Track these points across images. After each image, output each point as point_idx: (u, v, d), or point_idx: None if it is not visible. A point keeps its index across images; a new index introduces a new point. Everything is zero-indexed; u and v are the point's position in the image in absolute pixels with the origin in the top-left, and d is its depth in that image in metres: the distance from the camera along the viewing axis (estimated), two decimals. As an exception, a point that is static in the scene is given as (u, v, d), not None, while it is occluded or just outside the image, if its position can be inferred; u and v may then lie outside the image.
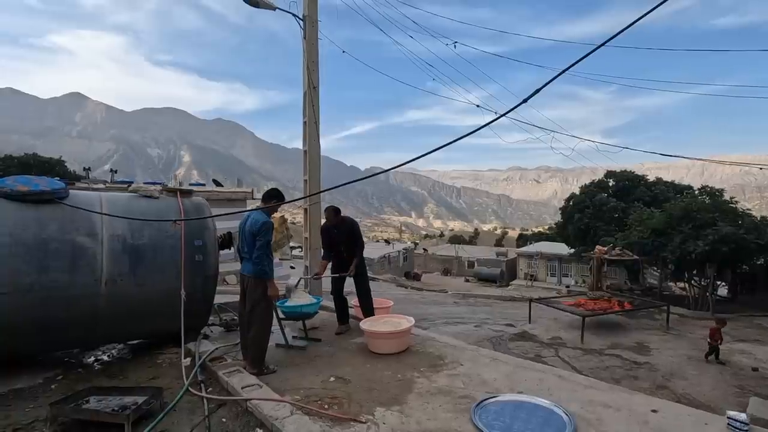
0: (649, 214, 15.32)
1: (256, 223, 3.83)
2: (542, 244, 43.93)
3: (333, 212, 5.10)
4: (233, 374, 3.70)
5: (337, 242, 5.24)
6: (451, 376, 3.76)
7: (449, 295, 21.34)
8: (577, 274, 36.14)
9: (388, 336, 4.37)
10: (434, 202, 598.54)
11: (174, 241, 4.44)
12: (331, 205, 5.36)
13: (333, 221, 5.12)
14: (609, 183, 27.79)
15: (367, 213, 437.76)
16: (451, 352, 4.34)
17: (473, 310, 16.34)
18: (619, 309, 11.06)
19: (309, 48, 7.49)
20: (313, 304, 4.74)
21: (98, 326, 4.07)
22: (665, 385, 7.36)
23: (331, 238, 5.24)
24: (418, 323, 12.86)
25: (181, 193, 4.98)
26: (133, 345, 4.98)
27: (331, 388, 3.62)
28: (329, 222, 5.16)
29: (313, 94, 7.48)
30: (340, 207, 5.39)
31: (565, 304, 11.42)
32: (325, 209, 5.22)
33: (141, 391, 3.36)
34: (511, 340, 10.32)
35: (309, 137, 7.52)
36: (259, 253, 3.79)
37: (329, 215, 5.12)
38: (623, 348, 9.52)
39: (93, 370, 4.27)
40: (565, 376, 3.60)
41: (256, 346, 3.90)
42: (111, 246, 4.08)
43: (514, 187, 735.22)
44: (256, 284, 3.85)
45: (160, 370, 4.17)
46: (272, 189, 4.19)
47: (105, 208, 4.24)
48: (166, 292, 4.31)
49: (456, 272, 46.70)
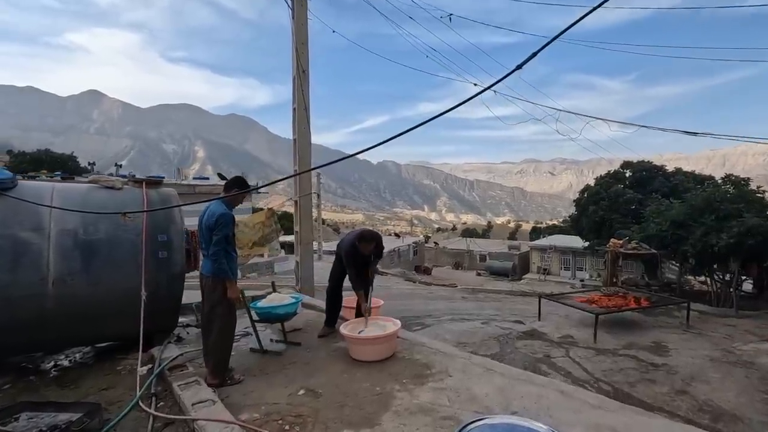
0: (668, 205, 14.50)
1: (213, 215, 3.37)
2: (556, 237, 42.95)
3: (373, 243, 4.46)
4: (189, 386, 3.27)
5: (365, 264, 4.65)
6: (436, 390, 3.28)
7: (457, 290, 20.78)
8: (591, 268, 35.15)
9: (369, 342, 3.90)
10: (447, 195, 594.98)
11: (135, 236, 4.03)
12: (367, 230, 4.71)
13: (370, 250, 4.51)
14: (625, 174, 26.80)
15: (379, 206, 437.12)
16: (440, 360, 3.85)
17: (481, 305, 15.75)
18: (635, 306, 10.39)
19: (298, 29, 7.00)
20: (290, 304, 4.30)
21: (48, 330, 3.68)
22: (685, 390, 6.74)
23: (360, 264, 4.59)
24: (422, 320, 12.42)
25: (147, 183, 4.56)
26: (100, 348, 4.62)
27: (297, 403, 3.17)
28: (366, 251, 4.50)
29: (303, 78, 7.00)
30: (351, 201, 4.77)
31: (577, 301, 10.79)
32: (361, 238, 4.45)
33: (78, 407, 2.96)
34: (518, 339, 9.76)
35: (298, 124, 7.05)
36: (215, 250, 3.33)
37: (367, 247, 4.43)
38: (639, 348, 8.89)
39: (47, 377, 3.90)
40: (569, 392, 3.08)
41: (217, 354, 3.46)
42: (60, 242, 3.68)
43: (528, 180, 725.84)
44: (214, 285, 3.40)
45: (117, 379, 3.78)
46: (234, 177, 3.73)
47: (57, 201, 3.84)
48: (124, 291, 3.90)
49: (467, 266, 46.00)
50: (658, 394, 6.71)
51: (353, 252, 4.51)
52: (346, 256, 4.56)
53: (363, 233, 4.54)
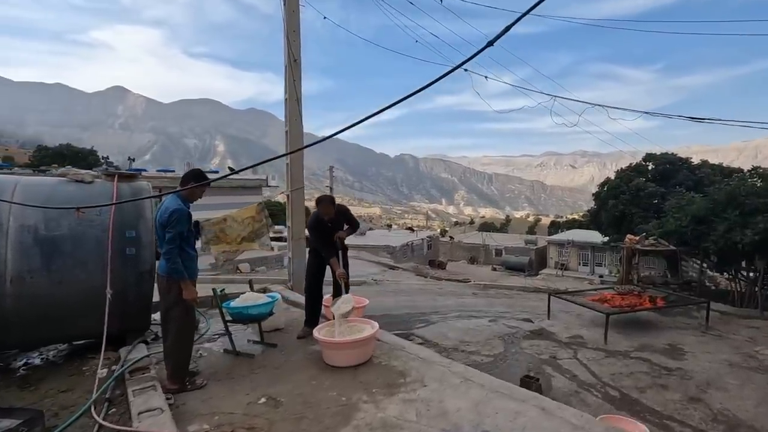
0: (690, 199, 13.75)
1: (166, 211, 3.16)
2: (574, 231, 41.90)
3: (330, 204, 4.32)
4: (144, 392, 3.09)
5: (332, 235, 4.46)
6: (405, 403, 3.00)
7: (468, 286, 20.35)
8: (611, 264, 34.14)
9: (341, 346, 3.65)
10: (465, 189, 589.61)
11: (100, 233, 3.86)
12: (329, 195, 4.59)
13: (331, 214, 4.36)
14: (648, 167, 25.80)
15: (397, 200, 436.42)
16: (417, 367, 3.56)
17: (491, 302, 15.32)
18: (651, 306, 9.86)
19: (289, 17, 6.73)
20: (263, 304, 4.08)
21: (9, 330, 3.56)
22: (699, 398, 6.29)
23: (327, 233, 4.44)
24: (427, 317, 12.10)
25: (120, 177, 4.39)
26: (77, 345, 4.49)
27: (254, 413, 2.95)
28: (329, 215, 4.36)
29: (294, 68, 6.74)
30: (368, 194, 4.60)
31: (588, 300, 10.30)
32: (318, 201, 4.40)
33: (20, 413, 2.80)
34: (525, 338, 9.37)
35: (290, 116, 6.80)
36: (168, 248, 3.12)
37: (327, 208, 4.32)
38: (653, 350, 8.40)
39: (12, 377, 3.79)
40: (551, 409, 2.76)
41: (174, 357, 3.27)
42: (19, 238, 3.54)
43: (548, 173, 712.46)
44: (169, 285, 3.20)
45: (80, 380, 3.63)
46: (191, 170, 3.51)
47: (19, 195, 3.69)
48: (89, 290, 3.74)
49: (483, 261, 45.36)
50: (669, 401, 6.28)
51: (315, 222, 4.45)
52: (310, 230, 4.50)
53: (319, 197, 4.46)
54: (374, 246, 35.90)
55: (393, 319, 11.19)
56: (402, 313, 12.17)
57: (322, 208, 4.35)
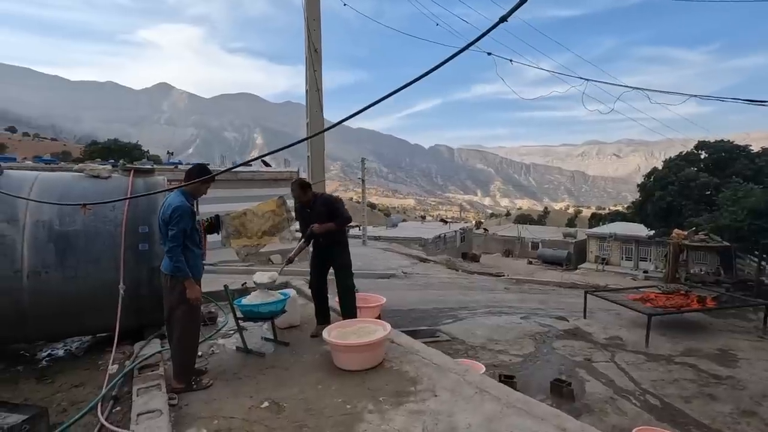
0: (747, 191, 12.60)
1: (168, 208, 3.07)
2: (617, 224, 39.92)
3: (298, 188, 4.20)
4: (148, 391, 3.04)
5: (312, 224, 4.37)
6: (413, 414, 2.79)
7: (500, 281, 19.77)
8: (657, 259, 32.22)
9: (349, 350, 3.47)
10: (501, 179, 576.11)
11: (114, 228, 3.87)
12: (298, 178, 4.48)
13: (302, 199, 4.25)
14: (700, 155, 24.02)
15: (431, 192, 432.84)
16: (430, 374, 3.33)
17: (524, 298, 14.78)
18: (699, 306, 9.09)
19: (309, 4, 6.55)
20: (275, 302, 3.97)
21: (27, 324, 3.63)
22: (754, 411, 5.71)
23: (306, 221, 4.38)
24: (455, 312, 11.78)
25: (136, 172, 4.39)
26: (100, 337, 4.58)
27: (255, 418, 2.83)
28: (300, 200, 4.28)
29: (315, 58, 6.57)
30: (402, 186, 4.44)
31: (629, 298, 9.65)
32: (291, 188, 4.33)
33: (26, 409, 2.81)
34: (558, 338, 8.90)
35: (311, 107, 6.66)
36: (171, 246, 3.04)
37: (294, 191, 4.23)
38: (701, 356, 7.74)
39: (33, 368, 3.89)
40: (572, 430, 2.46)
41: (179, 357, 3.21)
42: (34, 233, 3.59)
43: (590, 163, 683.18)
44: (172, 284, 3.12)
45: (92, 375, 3.66)
46: (196, 165, 3.41)
47: (37, 191, 3.74)
48: (102, 285, 3.77)
49: (518, 254, 44.13)
50: (718, 413, 5.73)
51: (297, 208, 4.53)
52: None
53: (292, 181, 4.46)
54: (406, 238, 35.69)
55: (420, 315, 10.97)
56: (429, 308, 11.92)
57: (294, 193, 4.31)
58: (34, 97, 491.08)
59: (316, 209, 4.31)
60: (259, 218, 6.28)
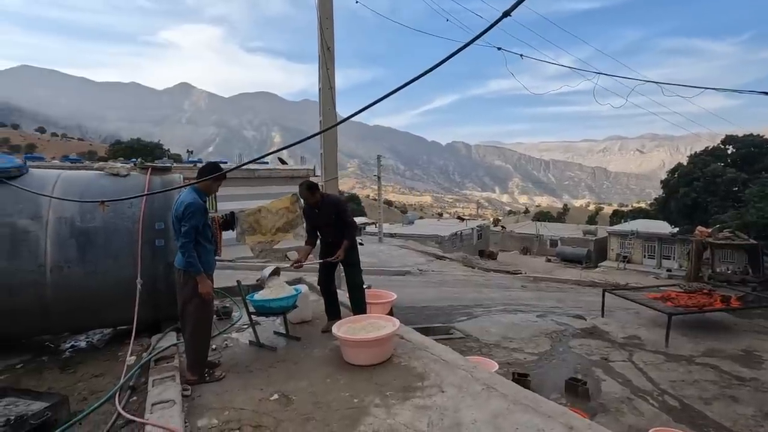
0: (776, 186, 12.14)
1: (181, 204, 3.15)
2: (639, 222, 38.97)
3: (305, 189, 4.25)
4: (162, 382, 3.14)
5: (320, 225, 4.44)
6: (419, 410, 2.81)
7: (517, 278, 19.55)
8: (681, 257, 31.32)
9: (357, 345, 3.51)
10: (520, 176, 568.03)
11: (131, 224, 3.99)
12: (305, 180, 4.53)
13: (310, 201, 4.31)
14: (727, 150, 23.22)
15: (448, 189, 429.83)
16: (437, 370, 3.34)
17: (541, 296, 14.61)
18: (723, 306, 8.83)
19: (322, 2, 6.59)
20: (285, 298, 4.03)
21: (50, 316, 3.79)
22: (778, 414, 5.54)
23: (313, 221, 4.45)
24: (470, 310, 11.72)
25: (153, 170, 4.52)
26: (119, 330, 4.74)
27: (264, 410, 2.90)
28: (307, 201, 4.34)
29: (328, 56, 6.61)
30: (419, 183, 4.50)
31: (648, 297, 9.42)
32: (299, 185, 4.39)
33: (48, 397, 2.95)
34: (575, 337, 8.78)
35: (323, 105, 6.71)
36: (183, 242, 3.12)
37: (302, 193, 4.29)
38: (723, 357, 7.52)
39: (57, 359, 4.06)
40: (579, 428, 2.44)
41: (192, 350, 3.30)
42: (57, 230, 3.74)
43: (611, 159, 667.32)
44: (185, 279, 3.21)
45: (112, 366, 3.80)
46: (208, 163, 3.49)
47: (59, 189, 3.90)
48: (120, 280, 3.90)
49: (536, 252, 43.52)
50: (740, 416, 5.58)
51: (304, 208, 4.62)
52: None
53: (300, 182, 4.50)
54: (422, 235, 35.61)
55: (434, 312, 10.97)
56: (444, 305, 11.90)
57: (300, 193, 4.38)
58: (62, 98, 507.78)
59: (323, 211, 4.36)
60: (273, 215, 6.38)
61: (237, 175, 16.05)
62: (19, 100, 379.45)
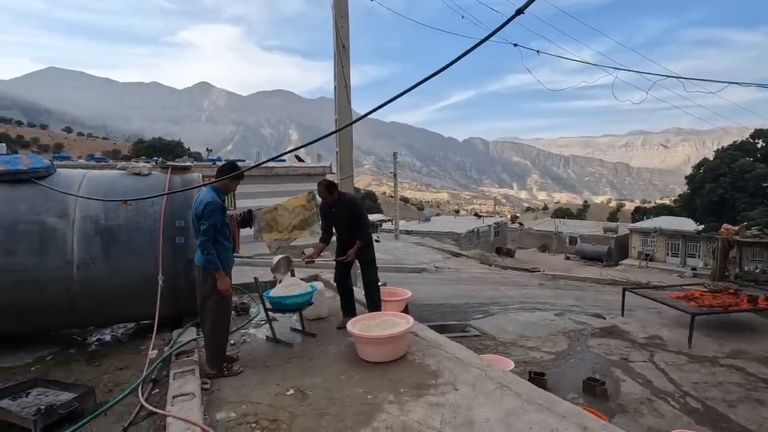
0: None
1: (200, 203, 3.23)
2: (662, 219, 37.96)
3: (324, 188, 4.31)
4: (182, 376, 3.24)
5: (336, 224, 4.50)
6: (432, 407, 2.83)
7: (535, 276, 19.31)
8: (707, 255, 30.41)
9: (372, 342, 3.54)
10: (539, 172, 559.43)
11: (153, 223, 4.11)
12: (323, 179, 4.59)
13: (327, 199, 4.36)
14: (756, 144, 22.41)
15: (465, 185, 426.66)
16: (451, 368, 3.35)
17: (559, 294, 14.41)
18: (750, 306, 8.55)
19: (337, 1, 6.62)
20: (301, 294, 4.10)
21: (77, 311, 3.95)
22: (807, 419, 5.35)
23: (330, 219, 4.51)
24: (487, 307, 11.65)
25: (174, 169, 4.64)
26: (143, 325, 4.89)
27: (280, 405, 2.96)
28: (325, 199, 4.40)
29: (343, 54, 6.64)
30: (436, 180, 4.56)
31: (670, 296, 9.20)
32: (317, 184, 4.45)
33: (75, 388, 3.08)
34: (593, 336, 8.64)
35: (339, 103, 6.75)
36: (203, 240, 3.21)
37: (320, 192, 4.36)
38: (749, 358, 7.30)
39: (83, 351, 4.22)
40: (594, 429, 2.42)
41: (211, 345, 3.39)
42: (82, 227, 3.88)
43: (634, 154, 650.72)
44: (204, 276, 3.30)
45: (135, 359, 3.93)
46: (227, 162, 3.56)
47: (84, 188, 4.04)
48: (142, 276, 4.02)
49: (555, 249, 42.88)
50: (766, 419, 5.41)
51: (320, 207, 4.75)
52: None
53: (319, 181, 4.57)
54: (438, 233, 35.46)
55: (449, 309, 10.94)
56: (460, 302, 11.85)
57: (318, 192, 4.46)
58: (87, 98, 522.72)
59: (340, 209, 4.43)
60: (290, 213, 6.46)
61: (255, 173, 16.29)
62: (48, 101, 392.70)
